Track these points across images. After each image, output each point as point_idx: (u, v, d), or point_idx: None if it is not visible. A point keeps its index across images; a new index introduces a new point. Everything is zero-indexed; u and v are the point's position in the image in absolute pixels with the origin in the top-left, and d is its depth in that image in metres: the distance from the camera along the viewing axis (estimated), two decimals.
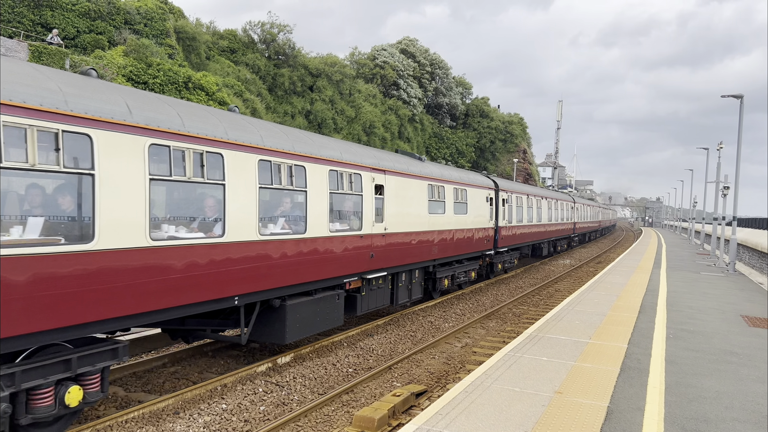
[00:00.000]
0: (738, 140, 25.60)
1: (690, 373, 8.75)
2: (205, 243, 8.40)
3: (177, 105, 8.53)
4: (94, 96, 7.01)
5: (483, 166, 72.83)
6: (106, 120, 6.93)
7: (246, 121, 9.89)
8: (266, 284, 9.68)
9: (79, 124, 6.61)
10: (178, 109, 8.32)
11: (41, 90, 6.34)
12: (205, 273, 8.37)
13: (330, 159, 11.58)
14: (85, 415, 8.24)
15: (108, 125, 6.95)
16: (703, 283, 20.83)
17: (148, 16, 37.90)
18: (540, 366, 8.77)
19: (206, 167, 8.36)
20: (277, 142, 10.10)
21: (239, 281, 9.04)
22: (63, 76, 6.99)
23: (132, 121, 7.29)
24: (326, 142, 12.22)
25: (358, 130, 53.60)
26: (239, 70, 44.90)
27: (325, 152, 11.47)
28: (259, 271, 9.49)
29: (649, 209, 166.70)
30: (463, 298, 19.71)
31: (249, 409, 8.76)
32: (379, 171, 13.58)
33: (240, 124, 9.51)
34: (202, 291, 8.35)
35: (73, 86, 6.86)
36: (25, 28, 31.93)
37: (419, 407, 9.00)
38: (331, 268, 11.65)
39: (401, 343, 13.39)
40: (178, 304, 7.98)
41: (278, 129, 10.80)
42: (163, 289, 7.68)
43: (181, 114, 8.25)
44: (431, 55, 70.06)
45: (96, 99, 6.98)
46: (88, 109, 6.76)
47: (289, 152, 10.27)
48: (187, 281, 8.08)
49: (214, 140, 8.55)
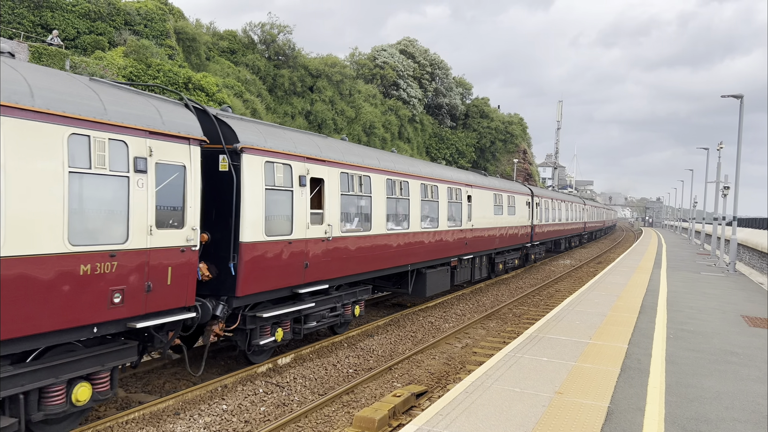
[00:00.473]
0: (738, 140, 25.60)
1: (690, 373, 8.75)
2: (401, 232, 14.87)
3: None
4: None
5: (483, 166, 72.81)
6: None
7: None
8: (419, 259, 16.07)
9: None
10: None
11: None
12: (396, 250, 14.68)
13: (450, 180, 18.52)
14: (85, 415, 8.24)
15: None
16: (703, 283, 20.83)
17: (148, 17, 37.92)
18: (540, 366, 8.77)
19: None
20: (431, 170, 17.40)
21: (410, 256, 15.48)
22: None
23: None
24: (445, 172, 18.83)
25: (358, 131, 53.60)
26: (239, 70, 44.90)
27: (447, 174, 18.69)
28: (418, 251, 15.91)
29: (649, 209, 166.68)
30: (463, 299, 19.71)
31: (249, 409, 8.77)
32: (469, 186, 20.22)
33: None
34: (395, 260, 14.72)
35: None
36: (25, 29, 31.95)
37: (420, 408, 9.01)
38: (446, 251, 17.98)
39: (402, 343, 13.40)
40: (384, 266, 14.18)
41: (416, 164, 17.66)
42: (378, 257, 13.80)
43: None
44: (431, 55, 70.05)
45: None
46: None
47: (429, 177, 16.97)
48: (392, 252, 14.53)
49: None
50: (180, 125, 8.12)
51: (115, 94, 7.46)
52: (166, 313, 7.88)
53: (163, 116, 7.88)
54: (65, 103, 6.57)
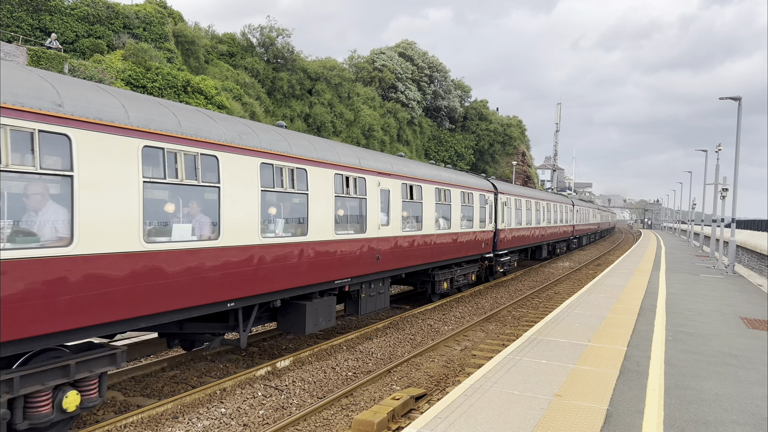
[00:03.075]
0: (736, 142, 25.63)
1: (689, 375, 8.75)
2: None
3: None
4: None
5: (482, 168, 72.87)
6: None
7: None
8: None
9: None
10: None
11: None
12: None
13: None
14: (83, 419, 8.23)
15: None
16: (702, 285, 20.84)
17: (147, 20, 37.95)
18: (539, 369, 8.76)
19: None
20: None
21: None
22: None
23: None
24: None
25: (357, 134, 53.63)
26: (238, 73, 44.95)
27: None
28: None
29: (648, 211, 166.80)
30: (462, 301, 19.70)
31: (248, 413, 8.75)
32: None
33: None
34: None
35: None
36: (24, 33, 31.98)
37: (419, 411, 8.99)
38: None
39: (400, 346, 13.38)
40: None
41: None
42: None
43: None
44: (429, 58, 70.14)
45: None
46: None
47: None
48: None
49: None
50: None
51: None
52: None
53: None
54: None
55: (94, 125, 6.70)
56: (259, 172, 9.34)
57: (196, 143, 8.09)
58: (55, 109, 6.30)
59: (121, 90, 7.82)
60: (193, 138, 8.07)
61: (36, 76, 6.46)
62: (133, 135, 7.16)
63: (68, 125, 6.39)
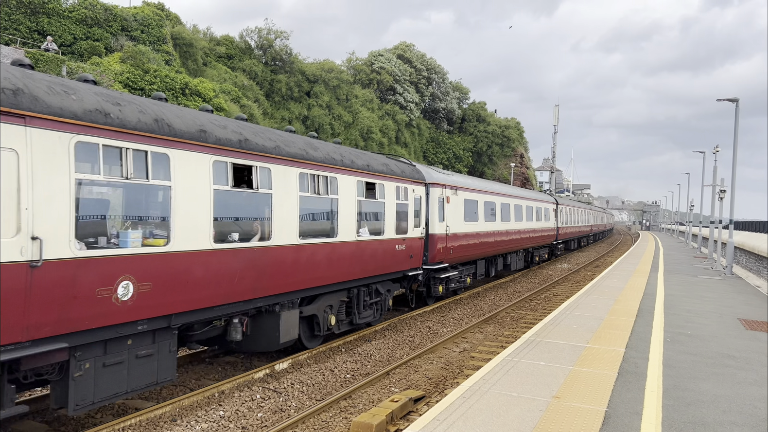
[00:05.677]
0: (734, 143, 25.68)
1: (688, 376, 8.75)
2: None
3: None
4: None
5: (480, 170, 72.94)
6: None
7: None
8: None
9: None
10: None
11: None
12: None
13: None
14: (81, 422, 8.21)
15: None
16: (700, 286, 20.86)
17: (145, 23, 37.96)
18: (538, 371, 8.77)
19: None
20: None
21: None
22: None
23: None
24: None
25: (355, 136, 53.65)
26: (236, 76, 44.95)
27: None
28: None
29: (646, 213, 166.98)
30: (461, 303, 19.70)
31: (247, 415, 8.74)
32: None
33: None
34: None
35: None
36: (22, 35, 31.95)
37: (417, 413, 8.99)
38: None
39: (399, 348, 13.38)
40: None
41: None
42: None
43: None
44: (428, 60, 70.22)
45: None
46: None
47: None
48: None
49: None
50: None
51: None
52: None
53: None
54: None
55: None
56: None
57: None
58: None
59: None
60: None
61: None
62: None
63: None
